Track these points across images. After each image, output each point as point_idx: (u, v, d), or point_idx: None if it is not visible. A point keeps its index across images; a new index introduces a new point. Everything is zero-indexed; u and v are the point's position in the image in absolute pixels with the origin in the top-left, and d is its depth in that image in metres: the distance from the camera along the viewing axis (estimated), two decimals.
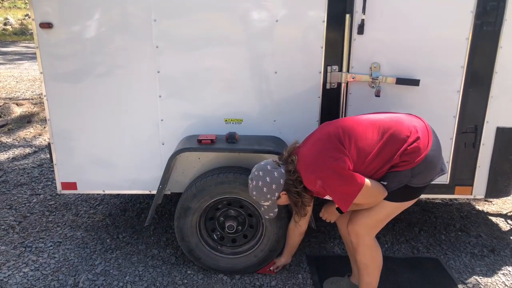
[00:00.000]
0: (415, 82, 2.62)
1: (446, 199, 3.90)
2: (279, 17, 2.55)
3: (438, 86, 2.67)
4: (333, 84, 2.67)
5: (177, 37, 2.58)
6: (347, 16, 2.54)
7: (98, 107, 2.70)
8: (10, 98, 7.08)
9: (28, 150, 5.06)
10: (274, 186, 2.14)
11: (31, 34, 13.19)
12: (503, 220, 3.56)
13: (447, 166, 2.78)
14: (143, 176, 2.83)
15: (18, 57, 11.42)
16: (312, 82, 2.67)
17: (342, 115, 2.72)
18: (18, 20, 17.27)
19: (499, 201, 3.90)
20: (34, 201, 3.79)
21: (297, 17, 2.56)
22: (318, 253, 3.04)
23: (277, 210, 2.25)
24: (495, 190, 2.88)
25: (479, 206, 3.82)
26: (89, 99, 2.69)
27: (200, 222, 2.71)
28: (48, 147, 2.89)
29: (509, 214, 3.68)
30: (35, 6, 2.52)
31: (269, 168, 2.17)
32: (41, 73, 2.64)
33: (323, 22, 2.55)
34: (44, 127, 5.82)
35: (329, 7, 2.52)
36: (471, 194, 2.88)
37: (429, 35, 2.59)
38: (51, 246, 3.08)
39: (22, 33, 15.93)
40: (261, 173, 2.17)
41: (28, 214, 3.55)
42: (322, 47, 2.60)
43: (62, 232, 3.28)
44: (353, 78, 2.64)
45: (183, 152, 2.53)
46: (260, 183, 2.15)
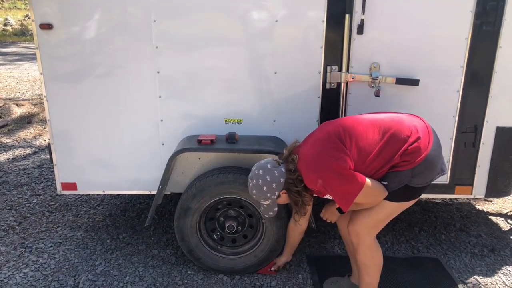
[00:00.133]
0: (415, 82, 2.62)
1: (446, 199, 3.90)
2: (279, 17, 2.55)
3: (438, 86, 2.67)
4: (332, 84, 2.67)
5: (177, 37, 2.58)
6: (347, 16, 2.54)
7: (98, 108, 2.70)
8: (10, 99, 7.08)
9: (28, 151, 5.06)
10: (274, 185, 2.14)
11: (31, 34, 13.19)
12: (503, 219, 3.56)
13: (447, 166, 2.79)
14: (143, 176, 2.83)
15: (18, 57, 11.41)
16: (312, 82, 2.67)
17: (342, 115, 2.72)
18: (18, 20, 17.27)
19: (499, 200, 3.90)
20: (34, 201, 3.79)
21: (296, 17, 2.56)
22: (318, 253, 3.04)
23: (276, 209, 2.25)
24: (495, 189, 2.88)
25: (479, 206, 3.82)
26: (89, 100, 2.69)
27: (200, 223, 2.71)
28: (48, 148, 2.89)
29: (509, 213, 3.67)
30: (35, 7, 2.52)
31: (269, 166, 2.17)
32: (41, 73, 2.64)
33: (323, 22, 2.55)
34: (44, 128, 5.82)
35: (328, 7, 2.53)
36: (471, 194, 2.89)
37: (428, 35, 2.59)
38: (51, 246, 3.08)
39: (22, 33, 15.93)
40: (261, 171, 2.17)
41: (28, 215, 3.55)
42: (321, 47, 2.60)
43: (62, 232, 3.28)
44: (352, 78, 2.64)
45: (183, 152, 2.53)
46: (260, 182, 2.15)
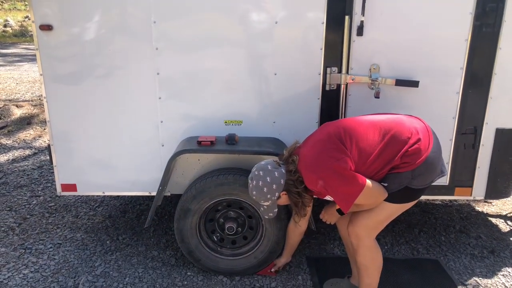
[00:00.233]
0: (415, 84, 2.62)
1: (446, 200, 3.90)
2: (279, 18, 2.55)
3: (438, 87, 2.68)
4: (332, 85, 2.67)
5: (176, 38, 2.58)
6: (347, 17, 2.55)
7: (98, 109, 2.70)
8: (10, 100, 7.08)
9: (28, 152, 5.06)
10: (274, 186, 2.14)
11: (31, 36, 13.21)
12: (503, 221, 3.56)
13: (447, 167, 2.79)
14: (143, 177, 2.83)
15: (18, 59, 11.42)
16: (311, 84, 2.67)
17: (341, 117, 2.72)
18: (18, 22, 17.27)
19: (499, 202, 3.90)
20: (34, 202, 3.79)
21: (296, 18, 2.56)
22: (318, 254, 3.04)
23: (276, 210, 2.25)
24: (495, 191, 2.88)
25: (479, 207, 3.82)
26: (89, 101, 2.69)
27: (200, 224, 2.71)
28: (48, 149, 2.89)
29: (508, 215, 3.67)
30: (35, 8, 2.52)
31: (269, 168, 2.17)
32: (41, 75, 2.64)
33: (323, 23, 2.56)
34: (44, 129, 5.82)
35: (328, 9, 2.53)
36: (471, 195, 2.88)
37: (428, 37, 2.59)
38: (51, 247, 3.08)
39: (22, 35, 15.93)
40: (261, 172, 2.16)
41: (28, 216, 3.55)
42: (321, 49, 2.60)
43: (62, 233, 3.27)
44: (352, 80, 2.64)
45: (183, 153, 2.53)
46: (260, 183, 2.15)
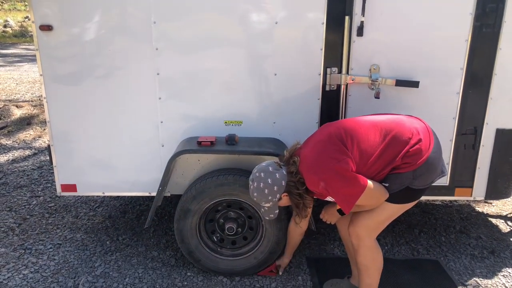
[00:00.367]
0: (415, 84, 2.62)
1: (446, 201, 3.90)
2: (279, 18, 2.55)
3: (438, 88, 2.68)
4: (332, 86, 2.67)
5: (176, 39, 2.58)
6: (347, 18, 2.54)
7: (98, 109, 2.70)
8: (10, 100, 7.08)
9: (27, 152, 5.05)
10: (275, 187, 2.13)
11: (31, 36, 13.23)
12: (503, 221, 3.56)
13: (447, 168, 2.79)
14: (143, 178, 2.83)
15: (18, 59, 11.42)
16: (311, 84, 2.67)
17: (342, 117, 2.72)
18: (18, 22, 17.28)
19: (499, 202, 3.90)
20: (33, 203, 3.79)
21: (296, 19, 2.56)
22: (318, 255, 3.04)
23: (277, 211, 2.24)
24: (495, 191, 2.88)
25: (479, 208, 3.82)
26: (89, 101, 2.69)
27: (200, 224, 2.70)
28: (48, 149, 2.88)
29: (509, 215, 3.67)
30: (35, 9, 2.52)
31: (270, 169, 2.16)
32: (41, 75, 2.64)
33: (323, 24, 2.56)
34: (44, 129, 5.82)
35: (328, 9, 2.53)
36: (471, 196, 2.88)
37: (428, 37, 2.59)
38: (51, 248, 3.08)
39: (22, 35, 15.94)
40: (262, 174, 2.16)
41: (27, 216, 3.54)
42: (321, 49, 2.60)
43: (62, 234, 3.27)
44: (352, 80, 2.64)
45: (183, 154, 2.53)
46: (261, 185, 2.14)
